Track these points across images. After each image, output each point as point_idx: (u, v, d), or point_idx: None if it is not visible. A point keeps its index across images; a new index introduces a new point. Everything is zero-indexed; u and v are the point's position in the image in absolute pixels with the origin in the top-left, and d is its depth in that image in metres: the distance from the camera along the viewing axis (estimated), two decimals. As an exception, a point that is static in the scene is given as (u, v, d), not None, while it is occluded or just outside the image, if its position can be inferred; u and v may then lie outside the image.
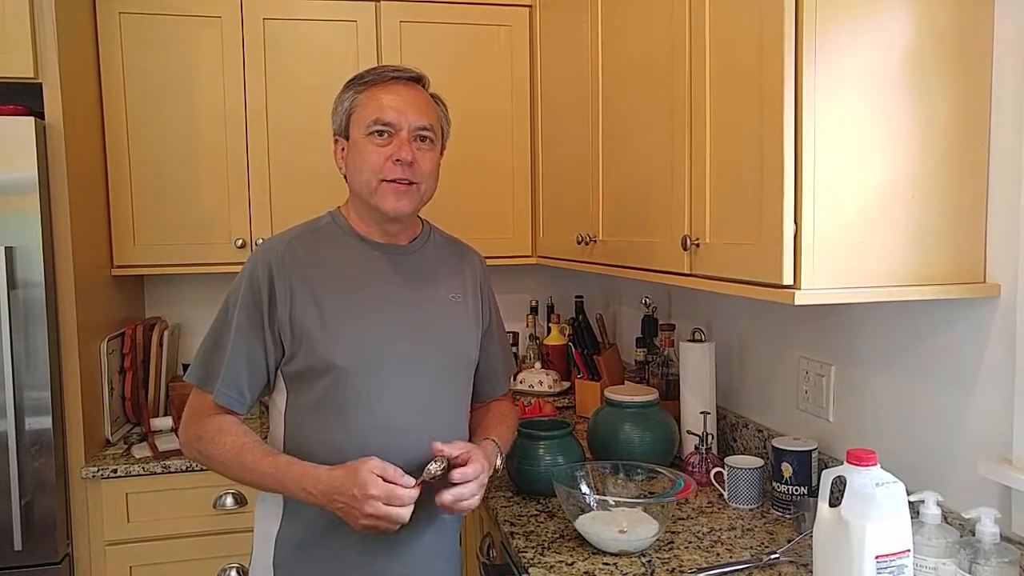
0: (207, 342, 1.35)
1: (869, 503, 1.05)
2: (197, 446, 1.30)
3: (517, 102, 2.48)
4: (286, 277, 1.30)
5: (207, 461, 1.30)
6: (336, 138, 1.38)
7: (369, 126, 1.31)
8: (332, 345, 1.28)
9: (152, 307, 2.62)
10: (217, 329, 1.34)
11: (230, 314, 1.32)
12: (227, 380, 1.30)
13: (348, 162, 1.36)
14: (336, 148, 1.39)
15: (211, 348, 1.33)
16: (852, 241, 1.13)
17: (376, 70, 1.36)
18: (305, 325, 1.29)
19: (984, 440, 1.23)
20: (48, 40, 1.91)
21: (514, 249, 2.52)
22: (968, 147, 1.18)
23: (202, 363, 1.33)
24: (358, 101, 1.34)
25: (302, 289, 1.30)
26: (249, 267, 1.33)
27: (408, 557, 1.34)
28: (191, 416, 1.33)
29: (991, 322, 1.21)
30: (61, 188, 1.93)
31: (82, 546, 2.01)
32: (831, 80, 1.11)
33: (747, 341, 1.92)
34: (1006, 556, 1.05)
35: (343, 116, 1.36)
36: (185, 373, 1.35)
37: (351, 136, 1.34)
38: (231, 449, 1.26)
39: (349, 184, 1.38)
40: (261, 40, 2.29)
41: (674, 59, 1.44)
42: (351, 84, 1.37)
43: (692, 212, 1.39)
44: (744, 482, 1.60)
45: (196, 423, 1.31)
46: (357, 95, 1.34)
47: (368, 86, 1.34)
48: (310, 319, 1.29)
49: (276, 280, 1.30)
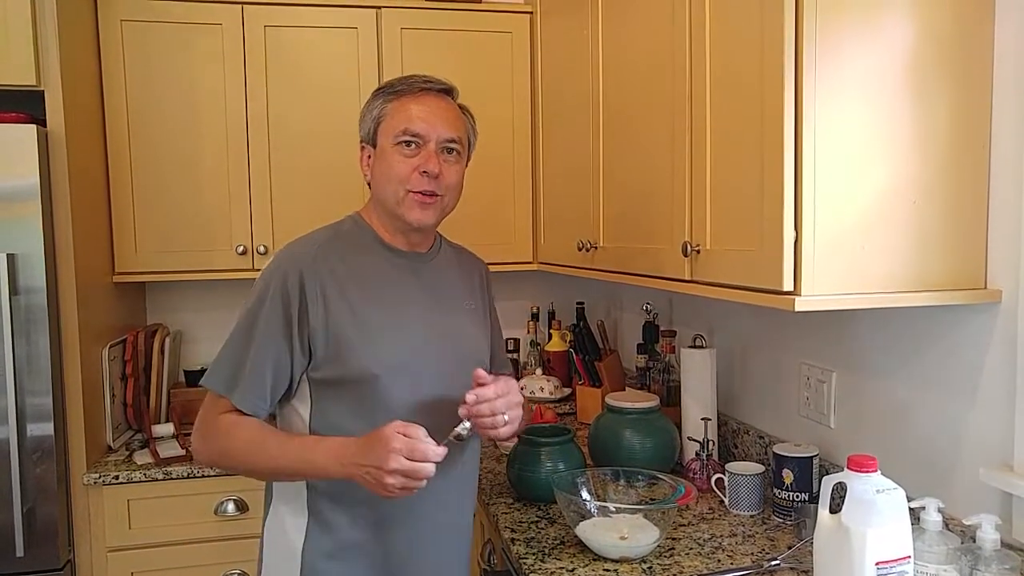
0: (229, 348, 1.29)
1: (870, 509, 1.05)
2: (212, 445, 1.27)
3: (518, 109, 2.48)
4: (318, 283, 1.28)
5: (223, 459, 1.28)
6: (363, 145, 1.38)
7: (397, 136, 1.31)
8: (369, 353, 1.27)
9: (153, 314, 2.63)
10: (241, 335, 1.29)
11: (254, 320, 1.27)
12: (251, 386, 1.26)
13: (374, 170, 1.35)
14: (362, 155, 1.38)
15: (234, 354, 1.28)
16: (853, 247, 1.14)
17: (407, 80, 1.35)
18: (341, 332, 1.27)
19: (985, 446, 1.23)
20: (50, 48, 1.91)
21: (515, 255, 2.52)
22: (969, 152, 1.18)
23: (224, 369, 1.28)
24: (387, 110, 1.33)
25: (335, 296, 1.28)
26: (276, 273, 1.29)
27: (438, 564, 1.36)
28: (205, 421, 1.29)
29: (992, 328, 1.21)
30: (63, 195, 1.94)
31: (84, 552, 2.01)
32: (831, 86, 1.11)
33: (748, 347, 1.92)
34: (1007, 562, 1.05)
35: (371, 124, 1.35)
36: (203, 379, 1.30)
37: (379, 144, 1.34)
38: (250, 440, 1.24)
39: (373, 192, 1.38)
40: (262, 47, 2.30)
41: (675, 66, 1.44)
42: (380, 92, 1.37)
43: (693, 218, 1.39)
44: (745, 488, 1.60)
45: (209, 424, 1.28)
46: (386, 104, 1.34)
47: (398, 96, 1.33)
48: (346, 326, 1.27)
49: (307, 286, 1.27)
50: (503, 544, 1.55)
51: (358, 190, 2.38)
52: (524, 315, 2.87)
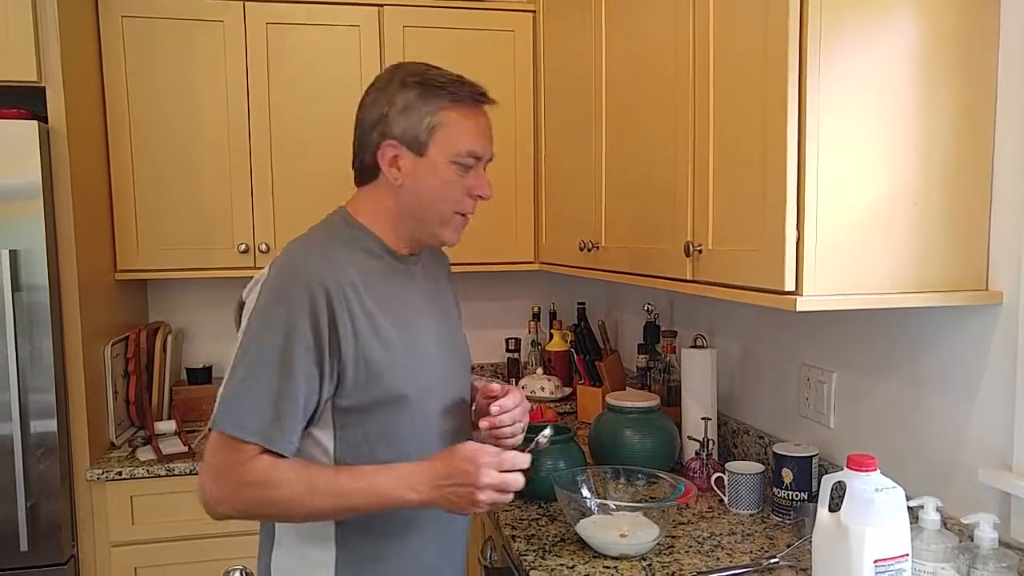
0: (255, 384, 1.10)
1: (868, 508, 1.05)
2: (243, 496, 1.10)
3: (520, 108, 2.49)
4: (344, 303, 1.13)
5: (259, 508, 1.11)
6: (394, 143, 1.18)
7: (460, 156, 1.19)
8: (399, 374, 1.18)
9: (155, 311, 2.63)
10: (270, 369, 1.10)
11: (285, 350, 1.10)
12: (291, 427, 1.11)
13: (416, 180, 1.19)
14: (391, 154, 1.19)
15: (265, 393, 1.10)
16: (855, 248, 1.14)
17: (464, 85, 1.21)
18: (371, 356, 1.15)
19: (984, 447, 1.24)
20: (51, 44, 1.92)
21: (517, 255, 2.53)
22: (972, 154, 1.19)
23: (253, 412, 1.09)
24: (447, 120, 1.18)
25: (360, 315, 1.15)
26: (298, 293, 1.11)
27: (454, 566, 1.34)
28: (224, 471, 1.09)
29: (993, 330, 1.22)
30: (64, 192, 1.94)
31: (87, 547, 2.02)
32: (835, 87, 1.11)
33: (749, 348, 1.92)
34: (1004, 561, 1.06)
35: (424, 130, 1.17)
36: (222, 423, 1.09)
37: (429, 155, 1.18)
38: (298, 484, 1.10)
39: (405, 201, 1.21)
40: (264, 45, 2.30)
41: (678, 65, 1.45)
42: (434, 92, 1.18)
43: (695, 218, 1.40)
44: (744, 487, 1.61)
45: (232, 474, 1.09)
46: (446, 112, 1.18)
47: (456, 104, 1.19)
48: (373, 349, 1.15)
49: (336, 307, 1.12)
50: (503, 541, 1.56)
51: (360, 188, 2.39)
52: (525, 315, 2.88)
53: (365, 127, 1.21)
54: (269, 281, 1.14)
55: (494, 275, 2.86)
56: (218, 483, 1.10)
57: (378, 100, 1.19)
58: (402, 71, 1.21)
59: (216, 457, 1.10)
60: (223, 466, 1.10)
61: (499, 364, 2.87)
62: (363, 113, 1.22)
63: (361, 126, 1.22)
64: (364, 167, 1.23)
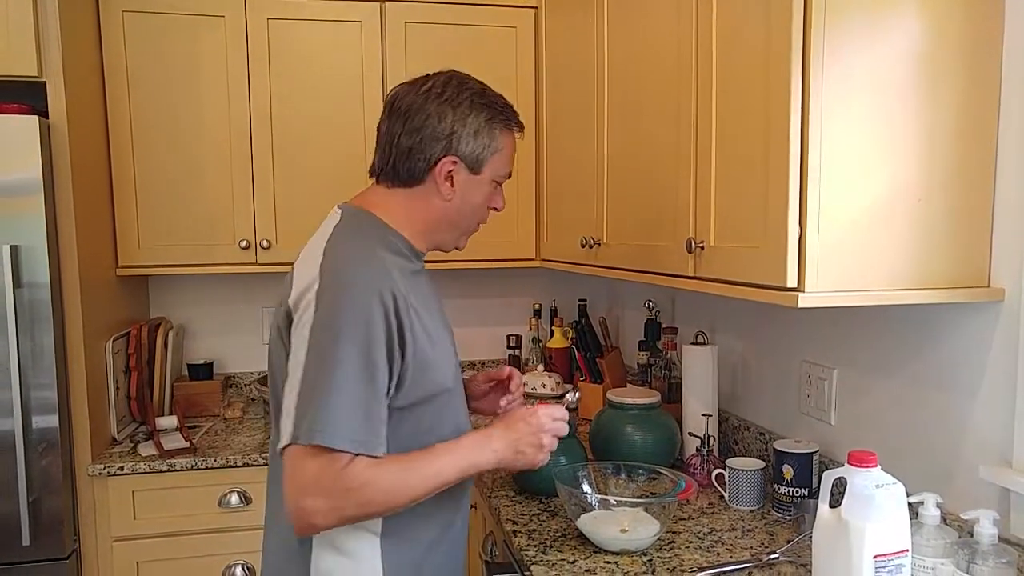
0: (344, 395, 1.08)
1: (869, 504, 1.06)
2: (352, 500, 1.08)
3: (522, 104, 2.46)
4: (406, 310, 1.15)
5: (366, 507, 1.11)
6: (456, 159, 1.23)
7: (500, 176, 1.29)
8: (440, 369, 1.23)
9: (157, 307, 2.64)
10: (357, 377, 1.10)
11: (368, 358, 1.10)
12: (382, 430, 1.12)
13: (464, 194, 1.25)
14: (448, 170, 1.23)
15: (357, 401, 1.09)
16: (857, 244, 1.14)
17: (516, 114, 1.31)
18: (424, 357, 1.19)
19: (985, 443, 1.24)
20: (51, 39, 1.92)
21: (518, 252, 2.53)
22: (975, 151, 1.19)
23: (348, 422, 1.08)
24: (504, 143, 1.27)
25: (415, 319, 1.18)
26: (375, 304, 1.12)
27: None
28: (322, 483, 1.07)
29: (995, 327, 1.22)
30: (65, 187, 1.95)
31: (89, 542, 2.03)
32: (838, 83, 1.11)
33: (750, 344, 1.93)
34: (1004, 557, 1.06)
35: (487, 151, 1.24)
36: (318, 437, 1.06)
37: (482, 173, 1.25)
38: (396, 473, 1.12)
39: (445, 209, 1.26)
40: (265, 40, 2.30)
41: (680, 63, 1.45)
42: (501, 115, 1.26)
43: (697, 215, 1.40)
44: (745, 484, 1.61)
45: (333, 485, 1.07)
46: (505, 136, 1.27)
47: (509, 131, 1.29)
48: (425, 349, 1.19)
49: (402, 315, 1.14)
50: (505, 536, 1.56)
51: (360, 183, 2.37)
52: (526, 312, 2.89)
53: (425, 135, 1.21)
54: (332, 291, 1.12)
55: (495, 272, 2.87)
56: (319, 496, 1.07)
57: (445, 114, 1.22)
58: (469, 89, 1.24)
59: (309, 471, 1.07)
60: (320, 478, 1.07)
61: (500, 361, 2.87)
62: (420, 120, 1.22)
63: (417, 134, 1.22)
64: (412, 171, 1.23)
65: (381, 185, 1.28)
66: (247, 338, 2.71)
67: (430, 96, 1.23)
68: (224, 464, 2.05)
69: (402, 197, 1.26)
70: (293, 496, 1.07)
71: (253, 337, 2.71)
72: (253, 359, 2.71)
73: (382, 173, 1.27)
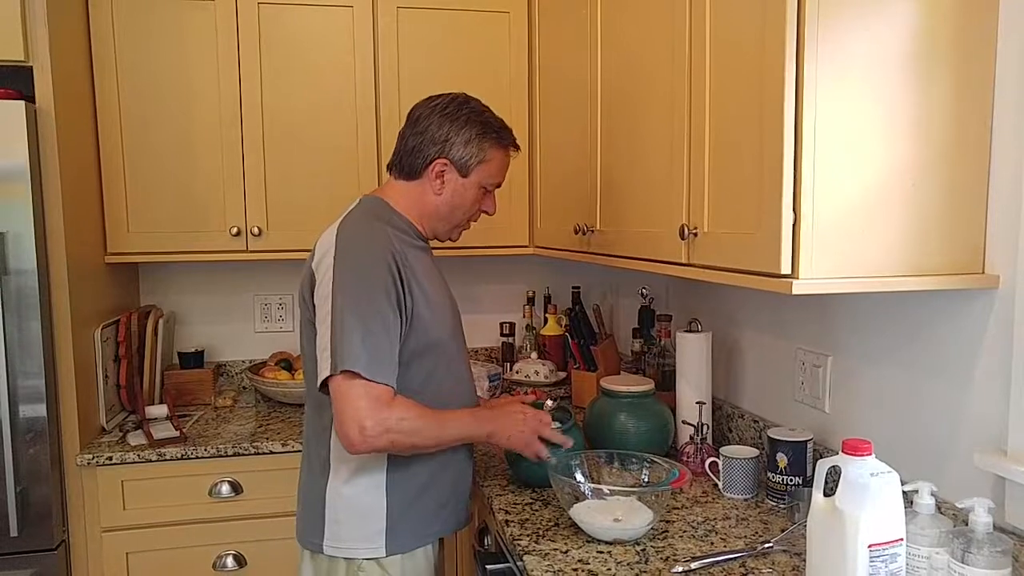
0: (373, 334, 1.33)
1: (863, 493, 1.05)
2: (400, 427, 1.33)
3: (515, 90, 2.46)
4: (407, 270, 1.42)
5: (410, 437, 1.35)
6: (447, 161, 1.50)
7: (491, 184, 1.57)
8: (436, 325, 1.47)
9: (147, 295, 2.62)
10: (376, 317, 1.34)
11: (383, 302, 1.36)
12: (395, 367, 1.36)
13: (451, 193, 1.53)
14: (440, 169, 1.51)
15: (371, 336, 1.33)
16: (851, 231, 1.13)
17: (512, 134, 1.58)
18: (421, 311, 1.44)
19: (980, 431, 1.23)
20: (38, 22, 1.88)
21: (511, 239, 2.51)
22: (970, 136, 1.17)
23: (367, 356, 1.32)
24: (492, 156, 1.54)
25: (413, 280, 1.43)
26: (388, 259, 1.39)
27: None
28: (376, 405, 1.31)
29: (989, 314, 1.21)
30: (53, 174, 1.92)
31: (78, 532, 2.01)
32: (833, 69, 1.10)
33: (744, 332, 1.92)
34: (999, 545, 1.05)
35: (474, 159, 1.51)
36: (341, 364, 1.30)
37: (469, 177, 1.53)
38: (433, 418, 1.39)
39: (435, 203, 1.53)
40: (256, 25, 2.27)
41: (674, 47, 1.43)
42: (493, 133, 1.53)
43: (691, 201, 1.38)
44: (739, 472, 1.61)
45: (386, 408, 1.32)
46: (496, 150, 1.54)
47: (502, 147, 1.56)
48: (421, 304, 1.44)
49: (404, 272, 1.41)
50: (497, 527, 1.55)
51: (352, 170, 2.37)
52: (520, 299, 2.87)
53: (425, 139, 1.51)
54: (347, 251, 1.38)
55: (489, 259, 2.85)
56: (370, 415, 1.30)
57: (444, 124, 1.51)
58: (468, 108, 1.52)
59: (353, 395, 1.31)
60: (369, 400, 1.31)
61: (493, 349, 2.86)
62: (424, 126, 1.51)
63: (421, 136, 1.51)
64: (412, 167, 1.53)
65: (392, 176, 1.58)
66: (238, 326, 2.69)
67: (435, 109, 1.52)
68: (215, 453, 2.04)
69: (405, 188, 1.55)
70: (347, 421, 1.30)
71: (244, 325, 2.69)
72: (244, 347, 2.70)
73: (393, 167, 1.57)
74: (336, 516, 1.46)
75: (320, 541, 1.47)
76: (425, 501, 1.50)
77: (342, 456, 1.46)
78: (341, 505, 1.46)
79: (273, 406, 2.46)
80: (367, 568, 1.47)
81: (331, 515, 1.47)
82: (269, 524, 2.09)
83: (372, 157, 2.38)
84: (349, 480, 1.46)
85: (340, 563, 1.47)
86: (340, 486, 1.46)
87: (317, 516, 1.48)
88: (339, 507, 1.46)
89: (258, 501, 2.09)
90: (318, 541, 1.48)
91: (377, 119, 2.37)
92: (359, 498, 1.46)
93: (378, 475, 1.46)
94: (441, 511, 1.54)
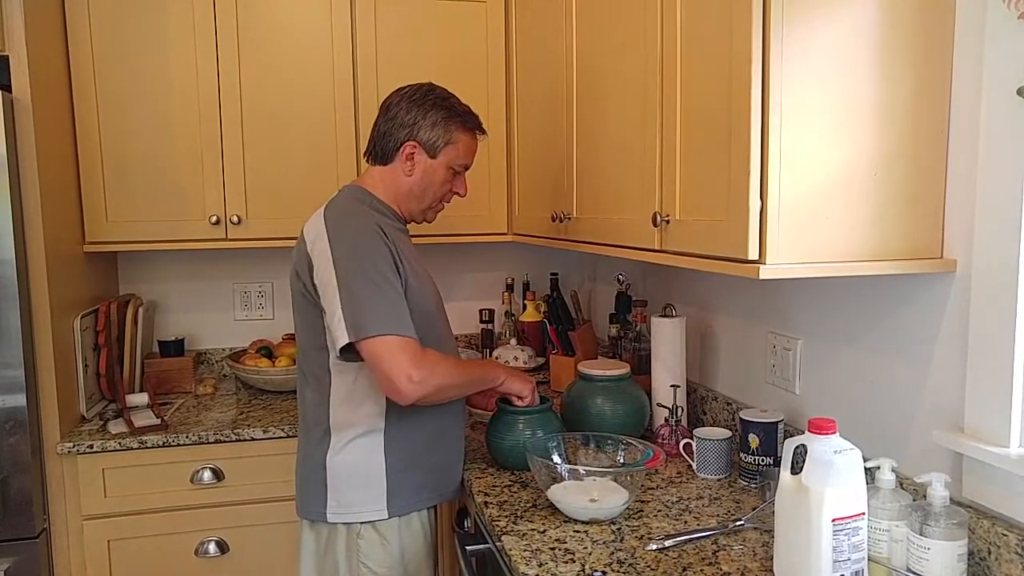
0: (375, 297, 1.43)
1: (828, 469, 1.09)
2: (440, 370, 1.45)
3: (493, 79, 2.48)
4: (392, 239, 1.52)
5: (448, 378, 1.47)
6: (416, 144, 1.61)
7: (458, 166, 1.66)
8: (423, 295, 1.57)
9: (126, 284, 2.61)
10: (377, 284, 1.44)
11: (379, 267, 1.46)
12: (411, 322, 1.46)
13: (420, 174, 1.63)
14: (410, 152, 1.61)
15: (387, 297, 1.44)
16: (816, 217, 1.16)
17: (477, 119, 1.68)
18: (409, 281, 1.53)
19: (939, 409, 1.28)
20: (14, 11, 1.87)
21: (490, 226, 2.53)
22: (929, 126, 1.21)
23: (389, 316, 1.42)
24: (459, 138, 1.64)
25: (399, 251, 1.53)
26: (372, 229, 1.50)
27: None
28: (417, 355, 1.42)
29: (947, 297, 1.25)
30: (30, 163, 1.91)
31: (59, 521, 2.02)
32: (798, 61, 1.13)
33: (717, 317, 1.96)
34: (955, 518, 1.10)
35: (440, 140, 1.61)
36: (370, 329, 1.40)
37: (437, 158, 1.63)
38: (458, 363, 1.53)
39: (406, 185, 1.63)
40: (234, 12, 2.26)
41: (646, 39, 1.45)
42: (457, 116, 1.63)
43: (663, 189, 1.42)
44: (712, 453, 1.65)
45: (423, 356, 1.43)
46: (461, 132, 1.64)
47: (468, 130, 1.65)
48: (409, 275, 1.53)
49: (392, 241, 1.51)
50: (476, 508, 1.58)
51: (331, 158, 2.37)
52: (499, 286, 2.90)
53: (395, 124, 1.61)
54: (339, 231, 1.48)
55: (468, 246, 2.87)
56: (414, 365, 1.40)
57: (411, 109, 1.61)
58: (435, 95, 1.63)
59: (392, 351, 1.40)
60: (408, 353, 1.41)
61: (473, 335, 2.89)
62: (394, 112, 1.62)
63: (391, 122, 1.62)
64: (385, 151, 1.63)
65: (368, 164, 1.68)
66: (218, 314, 2.69)
67: (404, 97, 1.63)
68: (196, 440, 2.05)
69: (380, 173, 1.65)
70: (395, 374, 1.39)
71: (224, 314, 2.70)
72: (225, 335, 2.70)
73: (369, 154, 1.67)
74: (338, 482, 1.55)
75: (323, 509, 1.56)
76: (422, 464, 1.60)
77: (343, 421, 1.55)
78: (343, 471, 1.55)
79: (254, 393, 2.47)
80: (366, 534, 1.56)
81: (333, 482, 1.55)
82: (251, 510, 2.11)
83: (351, 145, 2.38)
84: (349, 443, 1.55)
85: (340, 530, 1.56)
86: (341, 451, 1.55)
87: (319, 485, 1.56)
88: (341, 473, 1.55)
89: (240, 487, 2.10)
90: (321, 510, 1.56)
91: (356, 108, 2.38)
92: (360, 463, 1.55)
93: (376, 437, 1.55)
94: (438, 475, 1.64)
